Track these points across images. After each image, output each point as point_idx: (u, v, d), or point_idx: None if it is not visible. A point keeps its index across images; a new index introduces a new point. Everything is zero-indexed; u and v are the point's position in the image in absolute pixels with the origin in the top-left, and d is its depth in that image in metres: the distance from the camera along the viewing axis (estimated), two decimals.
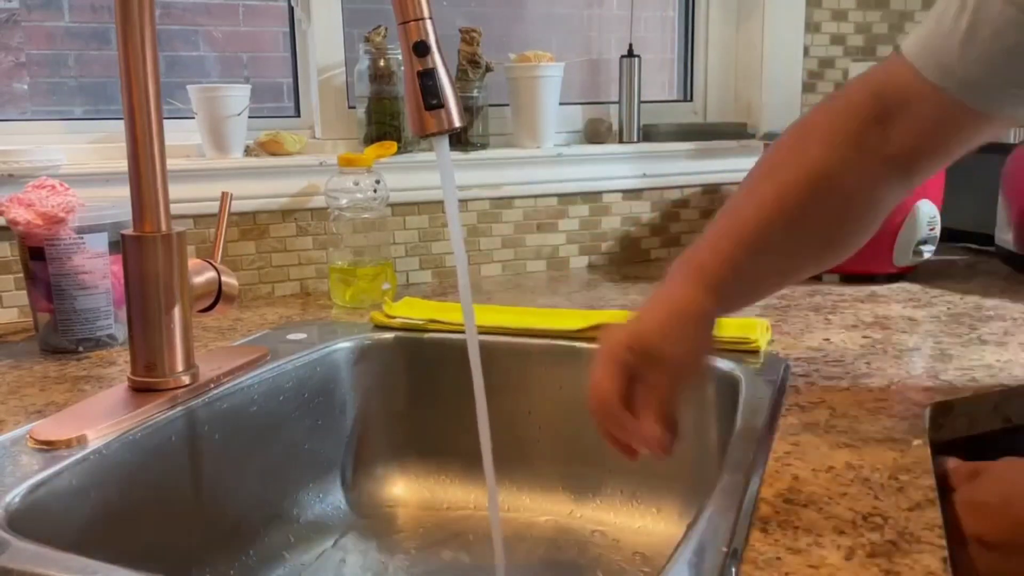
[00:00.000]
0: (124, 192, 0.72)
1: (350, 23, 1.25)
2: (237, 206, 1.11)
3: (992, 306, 1.06)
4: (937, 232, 1.19)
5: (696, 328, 0.64)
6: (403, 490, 0.93)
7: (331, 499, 0.88)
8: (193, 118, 1.16)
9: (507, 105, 1.34)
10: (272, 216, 1.16)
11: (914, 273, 1.23)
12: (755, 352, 0.86)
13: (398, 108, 1.22)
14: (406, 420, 0.94)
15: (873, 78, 0.68)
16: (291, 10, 1.27)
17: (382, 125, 1.22)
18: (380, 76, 1.21)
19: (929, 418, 0.71)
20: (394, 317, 0.97)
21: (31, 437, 0.65)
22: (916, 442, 0.64)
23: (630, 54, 1.40)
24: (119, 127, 0.73)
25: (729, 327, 0.89)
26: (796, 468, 0.60)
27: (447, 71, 0.62)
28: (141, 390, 0.73)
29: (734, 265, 0.65)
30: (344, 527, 0.87)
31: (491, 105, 1.31)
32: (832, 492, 0.56)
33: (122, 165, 0.72)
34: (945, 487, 0.61)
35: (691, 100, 1.55)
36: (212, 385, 0.77)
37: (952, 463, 0.65)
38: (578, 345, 0.89)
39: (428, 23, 0.61)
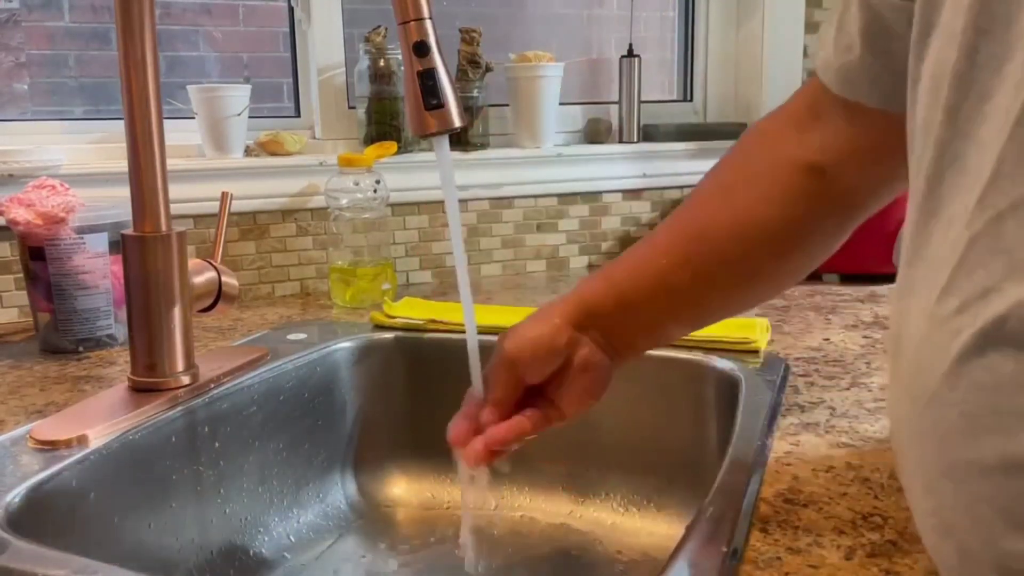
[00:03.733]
0: (124, 192, 0.72)
1: (350, 23, 1.25)
2: (237, 206, 1.11)
3: None
4: None
5: (546, 346, 0.62)
6: (403, 490, 0.93)
7: (331, 499, 0.88)
8: (193, 118, 1.16)
9: (507, 105, 1.34)
10: (272, 216, 1.16)
11: None
12: (755, 352, 0.86)
13: (398, 108, 1.22)
14: (406, 420, 0.94)
15: (795, 95, 0.63)
16: (291, 10, 1.27)
17: (382, 125, 1.22)
18: (380, 76, 1.21)
19: None
20: (394, 317, 0.97)
21: (31, 437, 0.65)
22: None
23: (630, 54, 1.40)
24: (119, 127, 0.73)
25: (729, 327, 0.89)
26: (796, 468, 0.60)
27: (447, 71, 0.62)
28: (141, 390, 0.73)
29: (621, 298, 0.62)
30: (344, 527, 0.87)
31: (491, 105, 1.31)
32: (832, 492, 0.56)
33: (122, 165, 0.72)
34: None
35: (691, 100, 1.55)
36: (212, 385, 0.77)
37: None
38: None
39: (428, 23, 0.61)
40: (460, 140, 1.27)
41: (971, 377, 0.35)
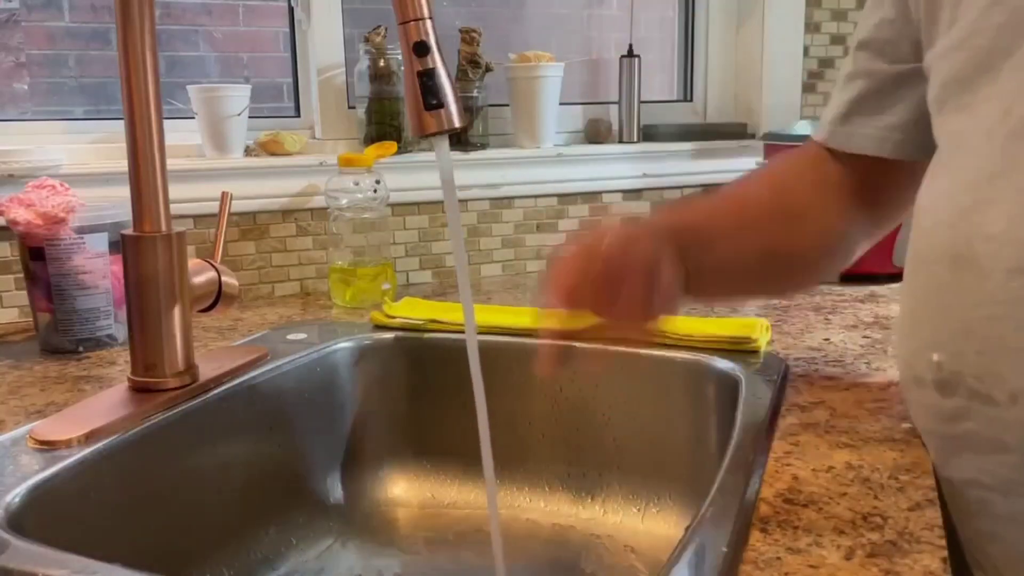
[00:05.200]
0: (124, 192, 0.72)
1: (350, 23, 1.25)
2: (237, 206, 1.11)
3: None
4: None
5: (655, 238, 0.67)
6: (403, 490, 0.93)
7: (331, 499, 0.88)
8: (193, 118, 1.16)
9: (507, 105, 1.34)
10: (272, 216, 1.16)
11: None
12: (755, 352, 0.86)
13: (398, 108, 1.22)
14: (406, 420, 0.94)
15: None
16: (291, 10, 1.27)
17: (382, 125, 1.22)
18: (380, 76, 1.21)
19: None
20: (394, 317, 0.97)
21: (31, 437, 0.65)
22: (916, 442, 0.64)
23: (630, 54, 1.40)
24: (119, 127, 0.73)
25: (729, 327, 0.89)
26: (796, 468, 0.60)
27: (447, 71, 0.62)
28: (141, 390, 0.73)
29: (695, 226, 0.71)
30: (344, 527, 0.87)
31: (491, 105, 1.31)
32: (832, 492, 0.56)
33: (122, 165, 0.72)
34: None
35: (691, 100, 1.55)
36: (212, 385, 0.77)
37: None
38: (578, 346, 0.89)
39: (428, 23, 0.61)
40: (460, 140, 1.27)
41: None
